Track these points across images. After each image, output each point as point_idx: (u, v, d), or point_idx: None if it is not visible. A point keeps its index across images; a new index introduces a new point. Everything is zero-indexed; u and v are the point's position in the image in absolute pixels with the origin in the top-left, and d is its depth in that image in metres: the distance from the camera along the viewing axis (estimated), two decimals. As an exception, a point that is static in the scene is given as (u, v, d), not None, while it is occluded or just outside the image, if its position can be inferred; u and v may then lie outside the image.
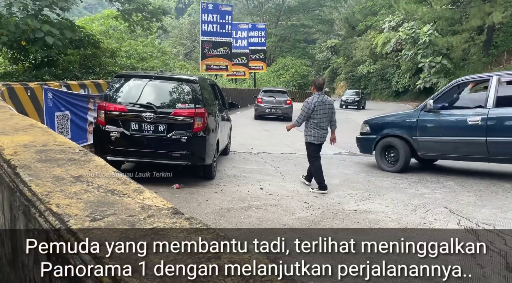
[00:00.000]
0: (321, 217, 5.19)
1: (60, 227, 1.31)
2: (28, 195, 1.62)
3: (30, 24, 9.57)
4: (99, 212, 1.40)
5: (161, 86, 6.65)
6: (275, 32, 57.00)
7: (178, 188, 6.16)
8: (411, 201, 6.09)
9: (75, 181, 1.74)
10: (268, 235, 4.92)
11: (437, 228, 4.95)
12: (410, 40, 29.06)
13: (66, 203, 1.48)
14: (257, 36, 34.65)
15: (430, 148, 7.57)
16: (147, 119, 6.15)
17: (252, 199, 5.86)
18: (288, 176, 7.43)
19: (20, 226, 1.79)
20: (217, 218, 4.93)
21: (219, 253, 1.17)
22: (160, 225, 1.32)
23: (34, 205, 1.54)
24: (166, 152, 6.20)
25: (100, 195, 1.58)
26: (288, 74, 44.92)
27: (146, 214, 1.41)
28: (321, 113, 6.54)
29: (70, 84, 7.92)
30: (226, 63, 26.81)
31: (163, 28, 18.56)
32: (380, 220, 5.15)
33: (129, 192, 1.63)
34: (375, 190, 6.68)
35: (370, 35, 42.61)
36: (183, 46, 61.95)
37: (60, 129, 7.15)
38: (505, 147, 6.60)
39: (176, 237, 1.24)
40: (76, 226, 1.28)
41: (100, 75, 12.36)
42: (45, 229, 1.40)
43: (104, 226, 1.29)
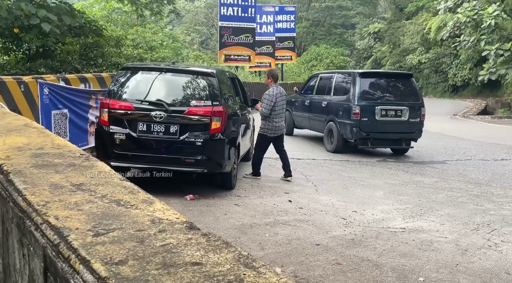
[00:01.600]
0: (362, 236, 5.15)
1: (59, 242, 1.35)
2: (23, 205, 1.68)
3: (24, 8, 9.87)
4: (103, 226, 1.44)
5: (173, 81, 6.75)
6: (307, 15, 56.86)
7: (192, 199, 6.22)
8: (472, 219, 5.96)
9: (76, 189, 1.79)
10: (298, 256, 4.94)
11: (504, 252, 4.83)
12: (472, 23, 28.42)
13: (65, 214, 1.52)
14: (286, 21, 34.65)
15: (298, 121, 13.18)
16: (157, 119, 6.24)
17: (279, 213, 5.86)
18: (322, 187, 7.40)
19: (13, 241, 1.86)
20: (237, 235, 4.95)
21: (241, 276, 1.17)
22: (173, 241, 1.34)
23: (30, 217, 1.59)
24: (178, 157, 6.28)
25: (104, 206, 1.62)
26: (322, 65, 44.71)
27: (156, 228, 1.43)
28: (281, 104, 7.55)
29: (69, 78, 8.13)
30: (248, 53, 26.92)
31: (176, 11, 18.83)
32: (434, 241, 5.06)
33: (137, 202, 1.66)
34: (428, 205, 6.57)
35: (421, 18, 41.95)
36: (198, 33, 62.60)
37: (57, 130, 7.35)
38: (317, 121, 11.82)
39: (192, 255, 1.26)
40: (77, 241, 1.31)
41: (103, 67, 12.64)
42: (41, 244, 1.45)
43: (109, 242, 1.32)
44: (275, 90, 7.46)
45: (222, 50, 26.21)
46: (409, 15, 47.41)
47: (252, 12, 27.05)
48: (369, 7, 57.82)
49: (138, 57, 14.59)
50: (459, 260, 4.56)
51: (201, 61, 32.03)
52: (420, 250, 4.78)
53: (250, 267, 1.24)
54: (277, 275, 1.20)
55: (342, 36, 58.05)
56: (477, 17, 27.72)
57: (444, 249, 4.83)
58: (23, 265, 1.71)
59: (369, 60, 56.93)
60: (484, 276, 4.20)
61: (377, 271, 4.21)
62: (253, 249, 4.47)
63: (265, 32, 31.65)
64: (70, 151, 2.39)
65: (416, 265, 4.37)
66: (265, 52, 31.17)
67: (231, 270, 1.20)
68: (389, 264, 4.37)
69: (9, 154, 2.27)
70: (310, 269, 4.18)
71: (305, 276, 3.98)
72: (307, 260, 4.39)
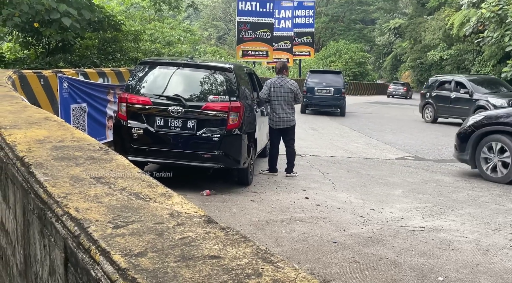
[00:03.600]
0: (380, 234, 5.12)
1: (79, 233, 1.38)
2: (44, 197, 1.71)
3: (45, 3, 10.02)
4: (122, 218, 1.46)
5: (191, 76, 6.79)
6: (326, 11, 56.55)
7: (208, 195, 6.26)
8: (494, 218, 5.87)
9: (95, 182, 1.82)
10: (315, 253, 4.94)
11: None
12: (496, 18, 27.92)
13: (85, 206, 1.55)
14: (304, 16, 34.49)
15: None
16: (174, 114, 6.28)
17: (296, 210, 5.86)
18: (339, 184, 7.37)
19: (34, 232, 1.90)
20: (254, 231, 4.97)
21: (259, 270, 1.18)
22: (191, 234, 1.36)
23: (51, 208, 1.62)
24: (195, 152, 6.31)
25: (123, 198, 1.64)
26: (341, 61, 44.44)
27: (175, 221, 1.45)
28: (277, 96, 7.65)
29: (87, 72, 8.24)
30: (266, 48, 26.87)
31: (194, 5, 18.88)
32: (454, 240, 5.01)
33: (156, 196, 1.69)
34: (448, 204, 6.50)
35: (444, 13, 41.36)
36: (216, 29, 62.77)
37: (75, 124, 7.46)
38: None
39: (210, 249, 1.27)
40: (97, 233, 1.34)
41: (121, 62, 12.77)
42: (62, 235, 1.48)
43: (128, 234, 1.34)
44: (272, 80, 7.81)
45: (239, 46, 26.20)
46: (431, 10, 46.81)
47: (270, 7, 26.94)
48: (389, 2, 57.17)
49: (155, 52, 14.69)
50: (480, 260, 4.50)
51: (218, 56, 32.10)
52: (439, 249, 4.74)
53: (268, 261, 1.24)
54: (295, 270, 1.21)
55: (362, 32, 57.59)
56: (502, 12, 27.18)
57: (464, 249, 4.77)
58: (43, 255, 1.75)
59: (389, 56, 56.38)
60: (506, 277, 4.15)
61: (395, 269, 4.18)
62: (269, 246, 4.48)
63: (283, 27, 31.52)
64: (90, 144, 2.43)
65: (435, 265, 4.33)
66: (283, 47, 31.06)
67: (249, 264, 1.21)
68: (407, 263, 4.34)
69: (30, 146, 2.31)
70: (327, 266, 4.18)
71: (321, 274, 3.98)
72: (323, 257, 4.39)
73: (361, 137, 13.26)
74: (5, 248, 2.77)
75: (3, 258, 2.90)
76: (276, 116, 7.66)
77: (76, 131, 2.80)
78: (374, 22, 60.65)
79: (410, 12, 52.78)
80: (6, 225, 2.65)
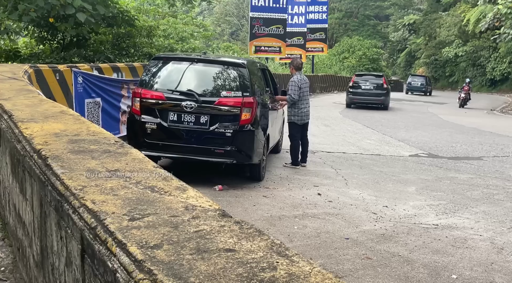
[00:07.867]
0: (393, 231, 5.09)
1: (96, 225, 1.40)
2: (61, 189, 1.73)
3: (60, -2, 10.09)
4: (138, 211, 1.48)
5: (204, 71, 6.80)
6: (340, 6, 56.19)
7: (220, 190, 6.28)
8: (509, 217, 5.81)
9: (111, 175, 1.84)
10: (327, 250, 4.93)
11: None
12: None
13: (102, 199, 1.56)
14: (318, 12, 34.28)
15: None
16: (188, 109, 6.30)
17: (308, 206, 5.85)
18: (352, 181, 7.35)
19: (51, 224, 1.92)
20: (266, 226, 4.98)
21: (274, 264, 1.19)
22: (206, 227, 1.37)
23: (68, 201, 1.65)
24: (208, 147, 6.33)
25: (138, 191, 1.66)
26: (354, 57, 44.16)
27: (190, 215, 1.46)
28: (305, 91, 7.90)
29: (102, 67, 8.29)
30: (279, 44, 26.79)
31: (207, 0, 18.87)
32: (468, 238, 4.96)
33: (171, 189, 1.70)
34: (462, 201, 6.44)
35: (459, 9, 40.90)
36: (229, 24, 62.75)
37: (90, 118, 7.53)
38: None
39: (225, 242, 1.28)
40: (114, 225, 1.36)
41: (135, 57, 12.82)
42: (79, 227, 1.50)
43: (144, 226, 1.35)
44: (299, 77, 7.89)
45: (252, 41, 26.15)
46: (447, 6, 46.26)
47: (283, 3, 26.81)
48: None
49: (169, 47, 14.73)
50: (495, 259, 4.46)
51: (231, 52, 32.09)
52: (453, 247, 4.70)
53: (283, 255, 1.25)
54: (310, 264, 1.21)
55: (376, 28, 57.13)
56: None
57: (478, 247, 4.73)
58: (60, 247, 1.78)
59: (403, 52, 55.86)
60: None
61: (408, 267, 4.16)
62: (281, 241, 4.48)
63: (296, 23, 31.34)
64: (105, 138, 2.46)
65: (449, 262, 4.31)
66: (296, 43, 30.91)
67: (264, 257, 1.22)
68: (420, 260, 4.32)
69: (47, 140, 2.34)
70: (339, 262, 4.17)
71: (334, 270, 3.98)
72: (336, 253, 4.38)
73: (374, 134, 13.19)
74: (21, 239, 2.81)
75: (20, 249, 2.94)
76: (302, 111, 7.88)
77: (92, 125, 2.82)
78: (388, 18, 60.11)
79: (425, 8, 52.24)
80: (23, 217, 2.68)
